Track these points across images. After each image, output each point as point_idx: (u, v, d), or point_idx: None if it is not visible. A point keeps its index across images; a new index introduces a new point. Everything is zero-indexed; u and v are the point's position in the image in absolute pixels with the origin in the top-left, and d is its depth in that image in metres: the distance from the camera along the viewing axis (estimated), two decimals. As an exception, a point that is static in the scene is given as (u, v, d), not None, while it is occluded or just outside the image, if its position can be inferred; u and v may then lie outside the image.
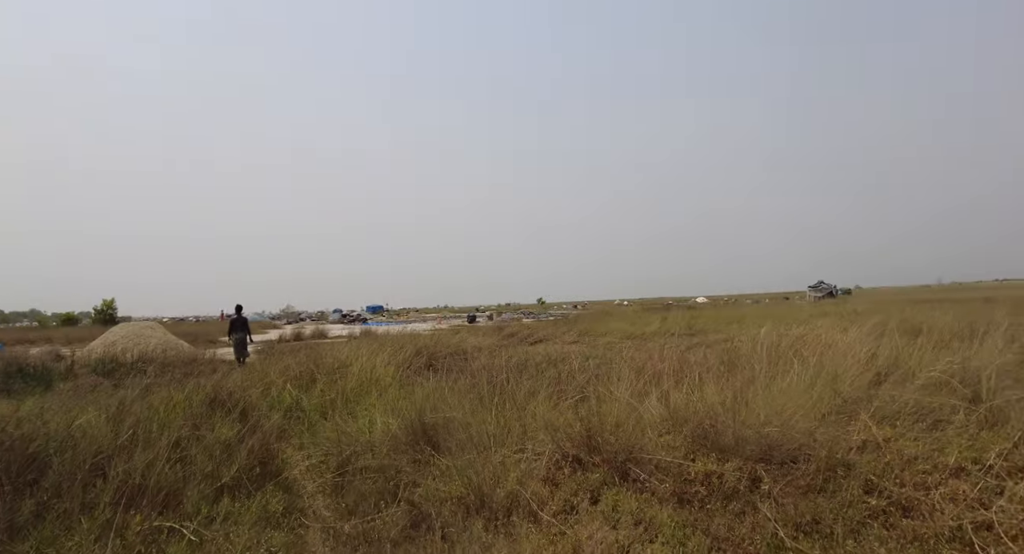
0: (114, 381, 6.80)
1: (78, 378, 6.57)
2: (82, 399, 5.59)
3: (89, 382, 5.97)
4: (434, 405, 5.75)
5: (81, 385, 5.91)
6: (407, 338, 15.19)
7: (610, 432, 4.64)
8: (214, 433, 4.77)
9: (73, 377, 6.80)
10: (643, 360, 8.99)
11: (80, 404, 5.26)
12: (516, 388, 6.70)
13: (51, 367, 7.82)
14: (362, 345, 14.36)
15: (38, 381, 7.16)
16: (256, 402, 7.26)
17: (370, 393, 7.82)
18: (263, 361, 13.51)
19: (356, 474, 4.69)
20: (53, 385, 6.53)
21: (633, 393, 6.07)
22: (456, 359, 11.77)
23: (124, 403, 4.96)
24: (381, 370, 9.17)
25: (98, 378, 6.20)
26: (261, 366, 10.27)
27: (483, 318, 43.52)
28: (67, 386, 6.12)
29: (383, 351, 11.45)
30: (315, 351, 12.89)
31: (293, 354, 14.34)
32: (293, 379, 8.81)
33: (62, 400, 5.60)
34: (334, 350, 12.67)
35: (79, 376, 6.82)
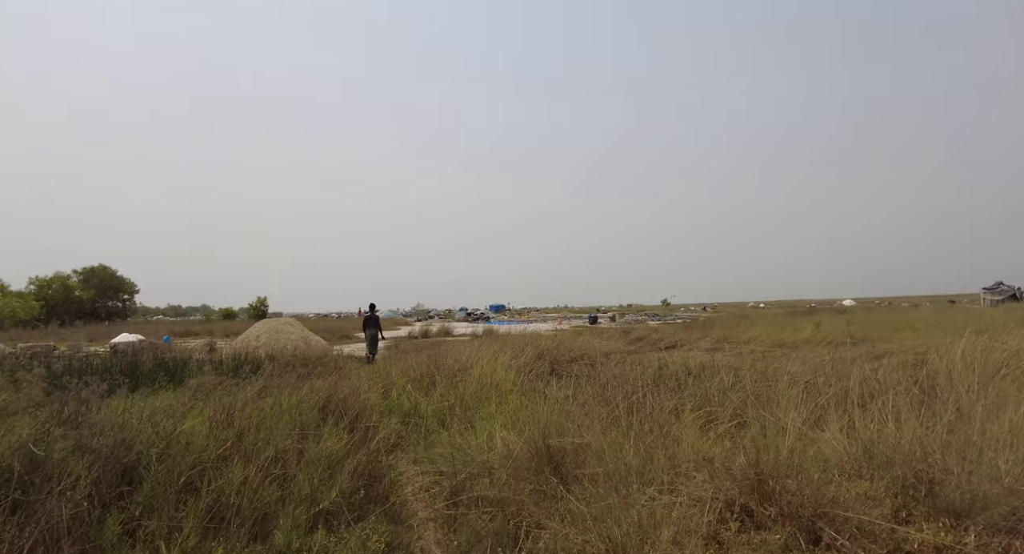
0: (240, 378, 6.67)
1: (204, 375, 6.51)
2: (200, 399, 5.42)
3: (209, 381, 5.80)
4: (560, 424, 4.93)
5: (203, 384, 5.76)
6: (528, 339, 14.55)
7: (786, 474, 3.54)
8: (319, 445, 4.28)
9: (200, 374, 6.79)
10: (808, 375, 7.57)
11: (194, 406, 5.06)
12: (656, 405, 5.70)
13: (187, 361, 8.07)
14: (484, 345, 13.96)
15: (171, 377, 7.32)
16: (373, 406, 6.92)
17: (489, 400, 7.20)
18: (389, 358, 13.55)
19: (471, 505, 4.00)
20: (184, 381, 6.53)
21: (806, 420, 4.87)
22: (581, 365, 10.93)
23: (233, 408, 4.64)
24: (502, 375, 8.54)
25: (219, 378, 6.04)
26: (384, 365, 10.12)
27: (605, 319, 42.17)
28: (194, 383, 6.03)
29: (504, 353, 10.88)
30: (438, 350, 12.67)
31: (417, 352, 14.30)
32: (414, 380, 8.47)
33: (180, 400, 5.46)
34: (456, 349, 12.33)
35: (205, 373, 6.80)
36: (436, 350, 12.12)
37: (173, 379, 7.12)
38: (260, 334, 16.69)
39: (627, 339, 16.51)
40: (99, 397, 4.35)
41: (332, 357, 10.97)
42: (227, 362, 8.47)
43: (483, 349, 12.00)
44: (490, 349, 11.95)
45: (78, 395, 4.38)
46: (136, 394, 6.04)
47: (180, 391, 6.09)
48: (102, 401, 4.50)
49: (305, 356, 9.65)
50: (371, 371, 9.74)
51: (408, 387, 7.93)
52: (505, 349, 12.13)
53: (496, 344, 13.79)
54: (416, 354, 13.06)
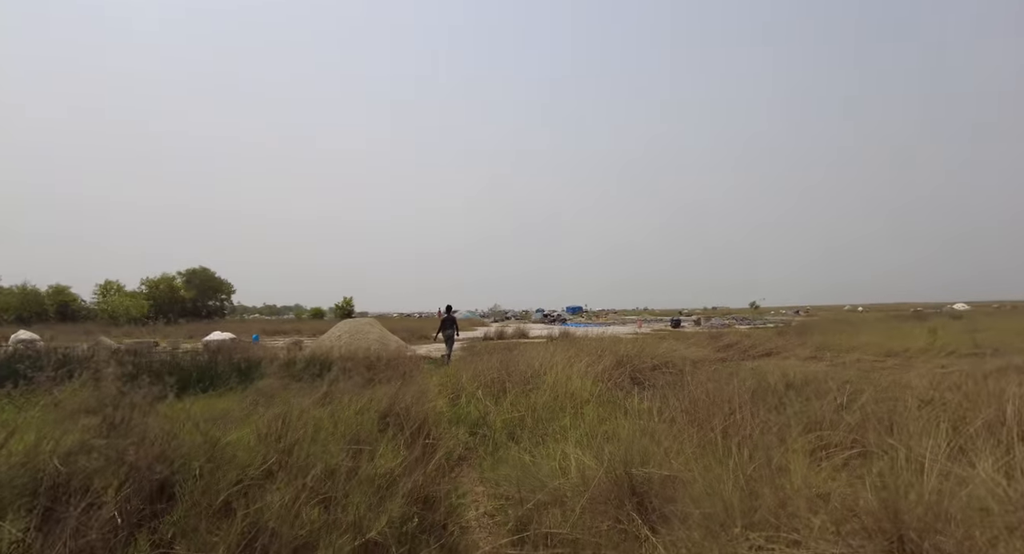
0: (307, 380, 6.45)
1: (271, 378, 6.35)
2: (261, 404, 5.20)
3: (274, 385, 5.60)
4: (644, 448, 4.29)
5: (267, 388, 5.55)
6: (607, 343, 13.83)
7: (935, 526, 2.77)
8: (373, 463, 3.88)
9: (269, 376, 6.65)
10: (938, 392, 6.49)
11: (253, 412, 4.82)
12: (755, 426, 4.94)
13: (260, 362, 8.04)
14: (559, 349, 13.38)
15: (244, 377, 7.26)
16: (440, 414, 6.54)
17: (564, 412, 6.63)
18: (462, 360, 13.27)
19: (540, 543, 3.45)
20: (254, 383, 6.40)
21: (947, 452, 3.99)
22: (666, 373, 10.13)
23: (289, 417, 4.34)
24: (577, 383, 7.95)
25: (285, 381, 5.84)
26: (455, 368, 9.78)
27: (689, 322, 40.32)
28: (262, 385, 5.85)
29: (580, 359, 10.27)
30: (511, 354, 12.23)
31: (490, 354, 13.92)
32: (484, 386, 8.05)
33: (241, 404, 5.25)
34: (530, 353, 11.85)
35: (274, 375, 6.65)
36: (509, 354, 11.68)
37: (244, 380, 7.07)
38: (341, 334, 16.94)
39: (715, 345, 15.40)
40: (150, 401, 4.15)
41: (406, 358, 10.76)
42: (299, 363, 8.39)
43: (558, 353, 11.44)
44: (565, 354, 11.38)
45: (131, 399, 4.20)
46: (202, 396, 5.91)
47: (245, 394, 5.92)
48: (155, 405, 4.31)
49: (379, 357, 9.46)
50: (441, 375, 9.42)
51: (479, 393, 7.52)
52: (581, 354, 11.50)
53: (572, 348, 13.16)
54: (489, 357, 12.69)
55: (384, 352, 15.21)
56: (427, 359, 14.91)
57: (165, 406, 4.89)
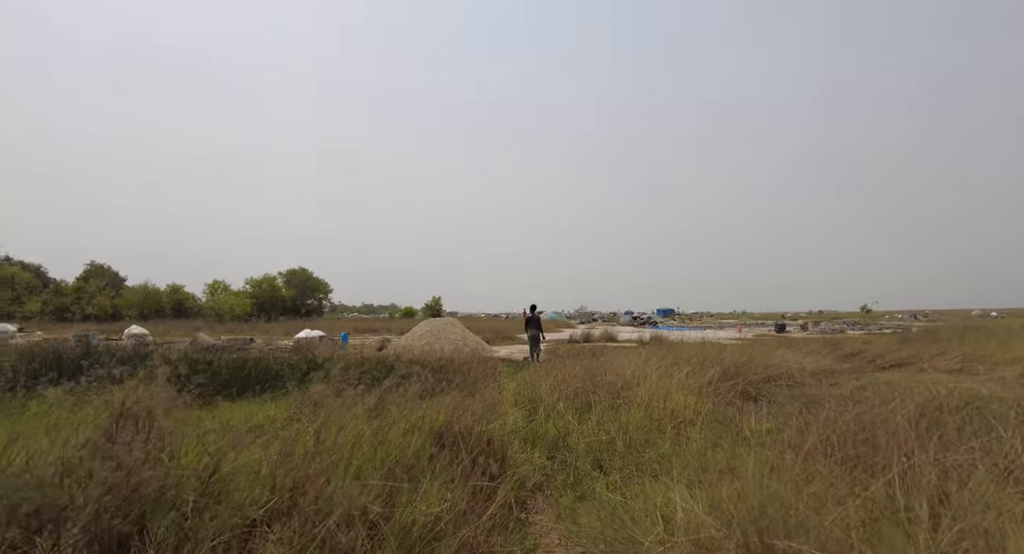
0: (372, 380, 5.68)
1: (327, 381, 5.63)
2: (306, 414, 4.44)
3: (325, 390, 4.84)
4: (776, 496, 3.08)
5: (317, 394, 4.81)
6: (708, 350, 12.32)
7: None
8: (413, 506, 2.95)
9: (326, 380, 5.94)
10: None
11: (284, 427, 4.04)
12: (936, 470, 3.57)
13: (321, 363, 7.43)
14: (652, 355, 12.07)
15: (303, 377, 6.64)
16: (512, 431, 5.55)
17: (662, 435, 5.45)
18: (543, 365, 12.30)
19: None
20: (309, 386, 5.71)
21: None
22: (783, 387, 8.61)
23: (320, 435, 3.51)
24: (679, 398, 6.72)
25: (340, 386, 5.08)
26: (535, 374, 8.77)
27: (795, 327, 37.01)
28: (317, 389, 5.13)
29: (679, 368, 8.96)
30: (597, 360, 11.11)
31: (575, 359, 12.84)
32: (566, 398, 7.00)
33: (279, 413, 4.50)
34: (620, 359, 10.67)
35: (331, 378, 5.93)
36: (596, 360, 10.54)
37: (303, 382, 6.45)
38: (423, 334, 16.47)
39: (835, 354, 13.40)
40: (166, 409, 3.45)
41: (481, 361, 9.90)
42: (363, 364, 7.71)
43: (652, 361, 10.18)
44: (661, 361, 10.10)
45: (148, 404, 3.52)
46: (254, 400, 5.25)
47: (291, 399, 5.21)
48: (172, 412, 3.61)
49: (451, 360, 8.66)
50: (519, 382, 8.45)
51: (559, 406, 6.46)
52: (680, 363, 10.16)
53: (668, 355, 11.81)
54: (574, 361, 11.62)
55: (461, 353, 14.53)
56: (507, 361, 14.06)
57: (207, 411, 4.16)
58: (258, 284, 49.97)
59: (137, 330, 22.28)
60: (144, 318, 45.65)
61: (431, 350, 15.24)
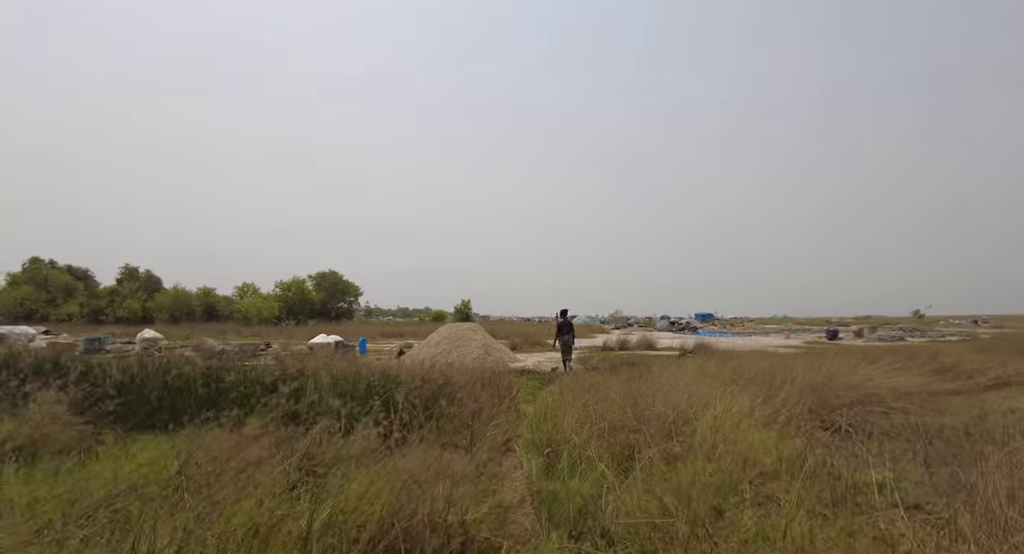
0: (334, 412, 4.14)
1: (262, 415, 4.07)
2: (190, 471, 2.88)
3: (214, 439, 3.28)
4: None
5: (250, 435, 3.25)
6: (770, 363, 10.42)
7: None
8: None
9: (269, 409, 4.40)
10: None
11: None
12: None
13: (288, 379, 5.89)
14: (702, 369, 10.26)
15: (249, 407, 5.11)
16: (523, 497, 3.90)
17: (740, 499, 3.72)
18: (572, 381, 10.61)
19: None
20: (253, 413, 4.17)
21: None
22: (874, 412, 6.73)
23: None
24: (752, 435, 4.96)
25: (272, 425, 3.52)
26: (559, 400, 7.06)
27: (848, 334, 34.24)
28: (249, 429, 3.57)
29: (742, 389, 7.19)
30: (640, 379, 9.38)
31: (612, 374, 11.11)
32: (599, 435, 5.28)
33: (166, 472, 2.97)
34: (665, 377, 8.92)
35: (276, 407, 4.37)
36: (638, 377, 8.77)
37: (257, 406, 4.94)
38: (440, 340, 14.92)
39: (924, 369, 11.26)
40: None
41: (499, 377, 8.24)
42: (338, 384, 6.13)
43: (705, 378, 8.42)
44: (716, 379, 8.33)
45: None
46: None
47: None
48: None
49: (450, 379, 7.03)
50: (540, 408, 6.76)
51: (590, 449, 4.74)
52: (740, 381, 8.35)
53: (722, 369, 9.99)
54: (609, 377, 9.90)
55: (481, 364, 12.93)
56: (532, 374, 12.41)
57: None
58: (287, 287, 49.41)
59: (150, 334, 21.40)
60: (174, 321, 45.60)
61: (444, 361, 13.69)
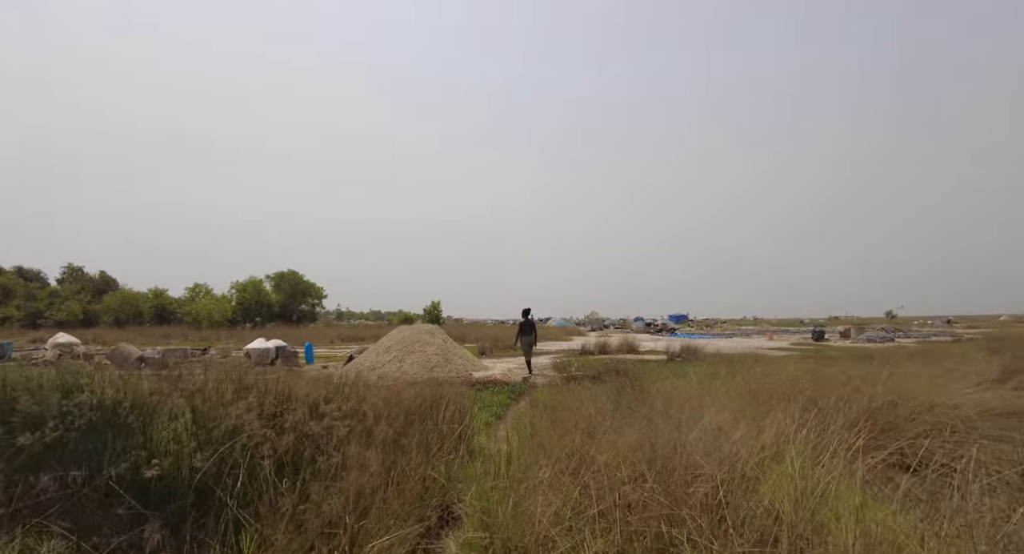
0: None
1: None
2: None
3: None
4: None
5: None
6: (797, 372, 8.51)
7: None
8: None
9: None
10: None
11: None
12: None
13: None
14: (711, 379, 8.32)
15: None
16: None
17: None
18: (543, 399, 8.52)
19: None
20: None
21: None
22: (964, 443, 4.87)
23: None
24: (867, 514, 2.95)
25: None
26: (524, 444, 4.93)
27: (834, 334, 32.93)
28: None
29: (773, 408, 5.23)
30: (635, 393, 7.43)
31: (596, 385, 9.09)
32: (604, 528, 3.12)
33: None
34: (669, 388, 7.00)
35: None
36: (632, 387, 6.74)
37: None
38: (392, 345, 12.66)
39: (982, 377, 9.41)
40: None
41: (443, 402, 6.04)
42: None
43: (717, 395, 6.50)
44: (732, 396, 6.41)
45: None
46: None
47: None
48: None
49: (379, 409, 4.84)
50: (494, 463, 4.46)
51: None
52: (762, 397, 6.43)
53: (731, 380, 8.03)
54: (594, 389, 7.88)
55: (438, 373, 10.80)
56: (499, 386, 10.31)
57: None
58: (243, 288, 46.21)
59: (64, 338, 18.66)
60: (120, 324, 42.27)
61: (395, 370, 11.47)
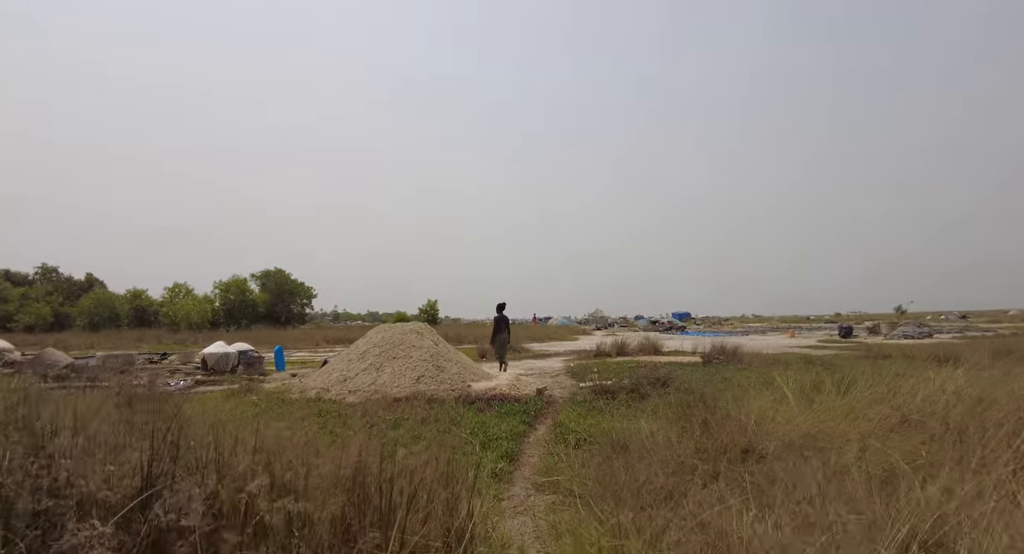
0: None
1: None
2: None
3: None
4: None
5: None
6: (902, 378, 5.96)
7: None
8: None
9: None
10: None
11: None
12: None
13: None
14: (817, 392, 5.86)
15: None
16: None
17: None
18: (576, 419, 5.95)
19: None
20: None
21: None
22: None
23: None
24: None
25: None
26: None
27: (862, 331, 30.44)
28: None
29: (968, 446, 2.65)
30: (711, 409, 4.98)
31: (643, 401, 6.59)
32: None
33: None
34: (765, 409, 4.48)
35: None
36: (734, 440, 4.24)
37: None
38: (368, 350, 10.05)
39: None
40: None
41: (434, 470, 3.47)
42: None
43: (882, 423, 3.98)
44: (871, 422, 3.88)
45: None
46: None
47: None
48: None
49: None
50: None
51: None
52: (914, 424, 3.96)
53: (854, 394, 5.52)
54: (642, 409, 5.37)
55: (422, 387, 8.32)
56: (504, 402, 7.77)
57: None
58: (226, 288, 43.48)
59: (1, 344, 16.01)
60: (94, 328, 39.58)
61: (368, 383, 8.86)
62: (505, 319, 13.06)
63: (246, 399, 8.84)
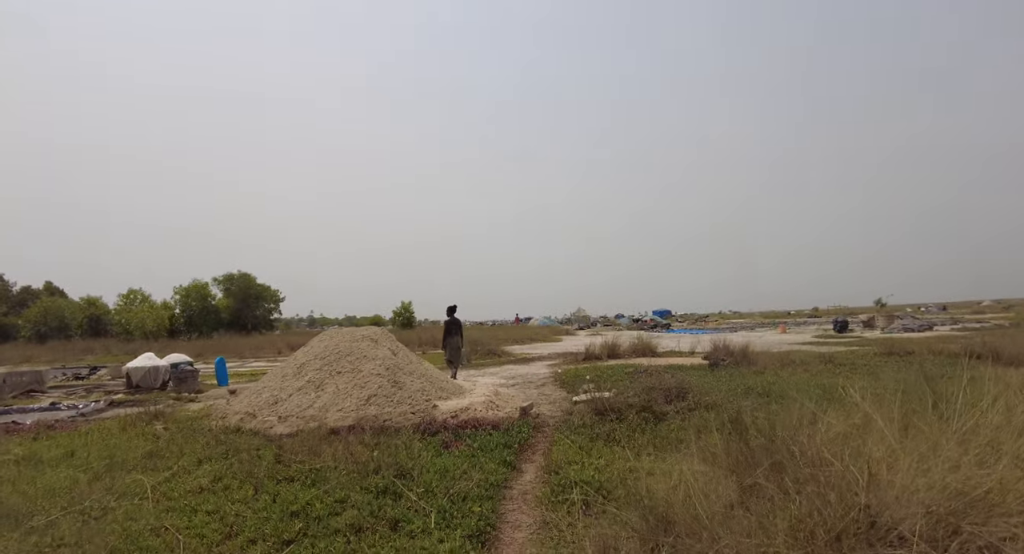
0: None
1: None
2: None
3: None
4: None
5: None
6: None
7: None
8: None
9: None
10: None
11: None
12: None
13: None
14: (911, 410, 4.22)
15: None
16: None
17: None
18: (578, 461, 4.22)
19: None
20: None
21: None
22: None
23: None
24: None
25: None
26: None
27: (856, 324, 29.27)
28: None
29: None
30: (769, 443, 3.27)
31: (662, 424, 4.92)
32: None
33: None
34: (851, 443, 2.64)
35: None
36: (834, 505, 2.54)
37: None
38: (306, 362, 8.17)
39: None
40: None
41: None
42: None
43: None
44: None
45: None
46: None
47: None
48: None
49: None
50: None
51: None
52: None
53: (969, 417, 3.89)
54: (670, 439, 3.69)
55: (373, 409, 6.58)
56: (478, 430, 5.98)
57: None
58: (186, 293, 40.84)
59: None
60: (41, 339, 36.73)
61: (305, 405, 7.01)
62: (457, 322, 12.05)
63: (147, 429, 6.91)
